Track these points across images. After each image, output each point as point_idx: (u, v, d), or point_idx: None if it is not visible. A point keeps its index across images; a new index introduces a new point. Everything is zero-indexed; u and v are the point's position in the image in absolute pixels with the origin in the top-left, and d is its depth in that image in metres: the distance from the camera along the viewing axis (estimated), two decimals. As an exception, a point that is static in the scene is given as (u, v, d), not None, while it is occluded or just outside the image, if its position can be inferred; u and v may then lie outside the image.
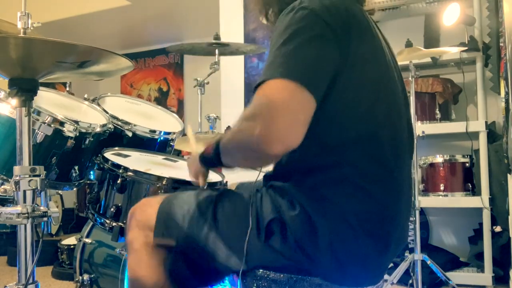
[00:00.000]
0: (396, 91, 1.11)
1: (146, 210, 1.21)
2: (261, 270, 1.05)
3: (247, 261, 1.05)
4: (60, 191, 4.23)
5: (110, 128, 1.87)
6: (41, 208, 1.29)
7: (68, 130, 1.66)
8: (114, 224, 1.60)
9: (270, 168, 1.13)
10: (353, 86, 1.01)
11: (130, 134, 1.94)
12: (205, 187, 1.23)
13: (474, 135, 3.06)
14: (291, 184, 1.03)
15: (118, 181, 1.59)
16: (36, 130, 1.58)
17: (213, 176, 1.78)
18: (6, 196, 1.33)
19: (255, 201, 1.06)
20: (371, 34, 1.07)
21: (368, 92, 1.04)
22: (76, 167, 1.74)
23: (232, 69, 3.67)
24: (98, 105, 2.00)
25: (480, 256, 2.98)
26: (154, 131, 2.01)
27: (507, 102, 2.58)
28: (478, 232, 3.12)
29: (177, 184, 1.56)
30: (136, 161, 1.76)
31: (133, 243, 1.20)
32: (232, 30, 3.63)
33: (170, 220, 1.16)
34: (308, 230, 0.98)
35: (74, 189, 1.85)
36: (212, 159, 1.09)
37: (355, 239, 0.99)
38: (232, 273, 1.11)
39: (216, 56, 2.64)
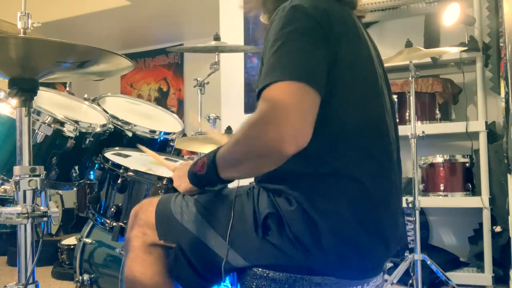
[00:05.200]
0: (382, 91, 1.14)
1: (147, 209, 1.22)
2: (260, 269, 1.05)
3: (247, 258, 1.05)
4: (60, 191, 4.23)
5: (110, 128, 1.87)
6: (41, 208, 1.28)
7: (68, 130, 1.66)
8: (114, 224, 1.60)
9: None
10: (342, 85, 1.03)
11: (130, 134, 1.95)
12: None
13: (474, 135, 3.06)
14: (285, 184, 1.04)
15: (119, 181, 1.59)
16: (36, 130, 1.58)
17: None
18: (6, 196, 1.33)
19: (252, 196, 1.08)
20: (357, 38, 1.10)
21: (356, 91, 1.06)
22: (76, 167, 1.74)
23: (232, 69, 3.67)
24: (98, 105, 2.00)
25: (480, 256, 2.98)
26: (154, 131, 2.01)
27: (507, 102, 2.59)
28: (478, 232, 3.12)
29: (177, 184, 1.56)
30: (136, 161, 1.76)
31: (132, 241, 1.22)
32: (232, 30, 3.63)
33: (169, 218, 1.17)
34: (305, 224, 0.99)
35: (74, 189, 1.85)
36: (208, 176, 1.08)
37: (350, 232, 1.00)
38: (232, 271, 1.12)
39: (216, 56, 2.64)
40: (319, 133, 1.01)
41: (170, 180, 1.55)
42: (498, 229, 2.95)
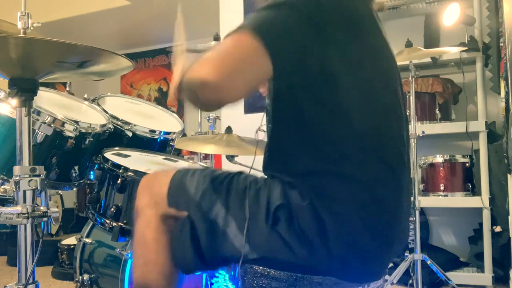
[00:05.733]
0: (394, 90, 1.12)
1: (160, 179, 1.20)
2: (261, 267, 1.05)
3: (252, 247, 1.04)
4: (60, 191, 4.23)
5: (110, 128, 1.87)
6: (41, 208, 1.29)
7: (68, 130, 1.66)
8: (114, 224, 1.60)
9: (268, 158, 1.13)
10: (352, 84, 1.02)
11: (130, 134, 1.95)
12: None
13: (474, 135, 3.06)
14: (298, 179, 1.03)
15: (118, 181, 1.59)
16: (36, 130, 1.58)
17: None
18: (6, 196, 1.33)
19: (268, 184, 1.06)
20: (367, 33, 1.07)
21: (366, 90, 1.04)
22: (76, 167, 1.74)
23: (232, 69, 3.66)
24: (98, 105, 2.00)
25: (480, 256, 2.98)
26: (154, 131, 2.01)
27: (507, 102, 2.59)
28: (478, 232, 3.13)
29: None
30: (136, 161, 1.76)
31: (143, 209, 1.19)
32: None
33: (183, 190, 1.15)
34: (314, 223, 0.99)
35: (74, 189, 1.85)
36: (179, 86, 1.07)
37: (356, 236, 1.00)
38: (235, 259, 1.10)
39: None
40: (326, 133, 1.01)
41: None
42: (498, 229, 2.95)
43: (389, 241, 1.05)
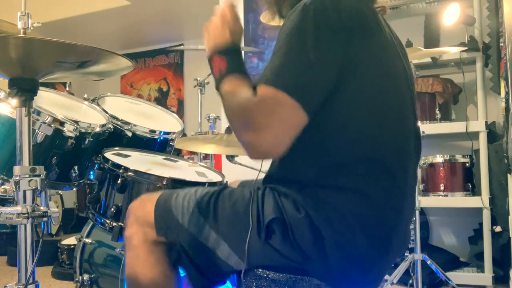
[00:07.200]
0: (402, 94, 1.10)
1: (146, 206, 1.21)
2: (260, 270, 1.05)
3: (248, 262, 1.04)
4: (60, 191, 4.23)
5: (109, 128, 1.87)
6: (41, 208, 1.28)
7: (68, 130, 1.66)
8: (114, 224, 1.60)
9: (270, 168, 1.13)
10: (357, 90, 1.00)
11: (130, 134, 1.94)
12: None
13: (474, 135, 3.06)
14: (294, 189, 1.02)
15: (118, 181, 1.59)
16: (36, 130, 1.58)
17: (213, 176, 1.78)
18: (6, 196, 1.33)
19: (256, 199, 1.06)
20: (379, 36, 1.06)
21: (371, 97, 1.02)
22: (76, 167, 1.74)
23: (232, 69, 3.65)
24: (98, 105, 1.99)
25: (480, 256, 2.98)
26: (154, 131, 2.00)
27: (507, 102, 2.59)
28: (478, 232, 3.13)
29: (177, 184, 1.56)
30: (136, 161, 1.76)
31: (132, 239, 1.20)
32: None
33: (169, 217, 1.15)
34: (311, 234, 0.98)
35: (74, 189, 1.85)
36: (215, 75, 1.08)
37: (356, 244, 0.99)
38: (233, 272, 1.11)
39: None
40: (326, 144, 1.00)
41: (169, 180, 1.55)
42: (498, 229, 2.95)
43: (388, 249, 1.04)
